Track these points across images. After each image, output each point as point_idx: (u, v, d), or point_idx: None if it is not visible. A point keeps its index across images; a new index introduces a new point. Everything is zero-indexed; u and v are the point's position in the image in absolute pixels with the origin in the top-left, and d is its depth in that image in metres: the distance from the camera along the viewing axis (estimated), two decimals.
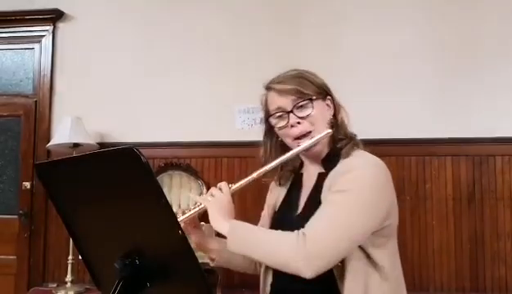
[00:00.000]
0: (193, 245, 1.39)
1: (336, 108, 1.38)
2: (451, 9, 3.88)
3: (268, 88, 1.39)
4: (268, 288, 1.38)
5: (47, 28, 4.27)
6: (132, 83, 4.15)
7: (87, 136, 3.82)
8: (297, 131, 1.31)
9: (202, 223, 4.27)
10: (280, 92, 1.34)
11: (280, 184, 1.46)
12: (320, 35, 3.94)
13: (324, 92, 1.36)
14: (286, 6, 4.06)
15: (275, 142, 1.42)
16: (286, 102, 1.32)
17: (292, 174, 1.46)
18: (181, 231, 0.91)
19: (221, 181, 1.34)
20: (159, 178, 3.85)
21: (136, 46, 4.18)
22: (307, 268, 1.13)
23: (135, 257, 0.97)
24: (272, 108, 1.36)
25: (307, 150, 1.32)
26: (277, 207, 1.43)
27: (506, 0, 3.84)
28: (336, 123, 1.36)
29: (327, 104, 1.36)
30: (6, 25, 4.30)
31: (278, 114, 1.34)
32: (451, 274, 3.68)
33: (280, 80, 1.36)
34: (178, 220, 1.27)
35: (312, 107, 1.31)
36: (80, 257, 1.12)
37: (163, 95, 4.12)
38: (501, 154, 3.74)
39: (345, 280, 1.19)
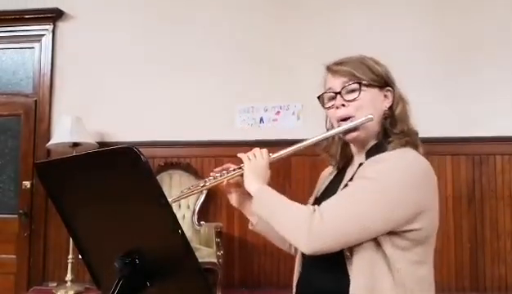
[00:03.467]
0: (233, 204, 1.45)
1: (395, 100, 1.33)
2: (452, 10, 3.88)
3: (327, 68, 1.35)
4: (295, 284, 1.37)
5: (47, 27, 4.27)
6: (132, 83, 4.15)
7: (87, 136, 3.82)
8: (340, 113, 1.29)
9: (202, 222, 4.25)
10: (334, 73, 1.32)
11: (334, 169, 1.45)
12: (320, 36, 3.94)
13: (383, 82, 1.32)
14: (286, 7, 4.06)
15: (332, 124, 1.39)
16: (337, 83, 1.30)
17: (344, 163, 1.42)
18: (182, 231, 0.91)
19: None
20: (159, 177, 3.85)
21: (137, 46, 4.18)
22: (307, 243, 1.13)
23: (135, 257, 0.97)
24: (325, 87, 1.34)
25: (346, 133, 1.29)
26: (319, 194, 1.42)
27: (506, 1, 3.84)
28: (392, 116, 1.31)
29: (384, 95, 1.32)
30: (6, 24, 4.30)
31: (328, 95, 1.33)
32: (451, 274, 3.68)
33: (338, 62, 1.33)
34: (222, 177, 1.34)
35: (360, 92, 1.27)
36: (80, 257, 1.12)
37: (163, 94, 4.12)
38: (501, 154, 3.74)
39: (353, 273, 1.16)
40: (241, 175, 1.33)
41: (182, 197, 1.41)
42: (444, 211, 3.74)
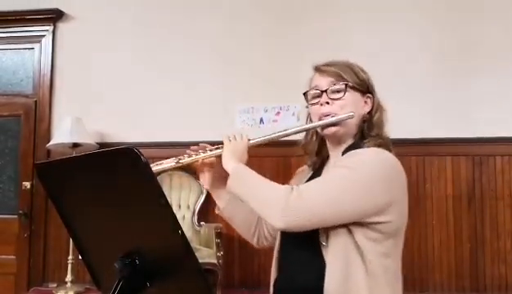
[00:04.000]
0: (205, 185, 1.48)
1: (374, 107, 1.41)
2: (453, 11, 3.89)
3: (315, 68, 1.43)
4: (272, 282, 1.41)
5: (47, 28, 4.28)
6: (132, 83, 4.15)
7: (87, 136, 3.82)
8: (325, 110, 1.36)
9: (202, 223, 4.23)
10: (322, 72, 1.39)
11: (310, 168, 1.50)
12: (320, 36, 3.94)
13: (365, 87, 1.40)
14: (287, 7, 4.06)
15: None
16: (324, 82, 1.38)
17: (320, 163, 1.49)
18: (182, 231, 0.91)
19: None
20: (159, 178, 3.85)
21: (136, 46, 4.18)
22: (280, 217, 1.17)
23: (135, 257, 0.97)
24: (311, 86, 1.42)
25: (325, 128, 1.36)
26: None
27: (506, 2, 3.84)
28: (369, 121, 1.39)
29: (365, 101, 1.40)
30: (6, 25, 4.30)
31: (313, 92, 1.40)
32: (451, 274, 3.68)
33: (327, 63, 1.41)
34: (198, 156, 1.37)
35: (345, 92, 1.35)
36: (80, 257, 1.12)
37: (163, 95, 4.12)
38: (501, 154, 3.74)
39: (328, 263, 1.22)
40: (218, 157, 1.37)
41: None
42: (444, 211, 3.74)
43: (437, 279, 3.69)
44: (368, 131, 1.38)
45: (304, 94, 1.44)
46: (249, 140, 1.38)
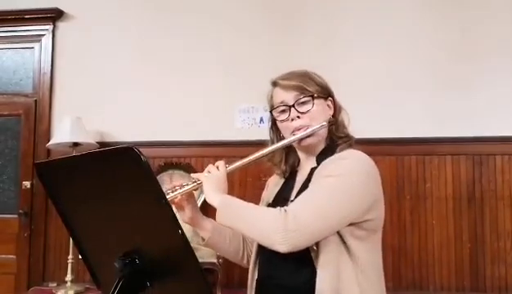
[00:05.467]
0: (186, 220, 1.47)
1: (336, 109, 1.47)
2: (452, 9, 3.88)
3: (274, 84, 1.47)
4: (254, 283, 1.44)
5: (47, 27, 4.27)
6: (132, 83, 4.15)
7: (87, 136, 3.82)
8: (296, 124, 1.40)
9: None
10: (284, 88, 1.42)
11: (280, 177, 1.55)
12: (319, 36, 3.94)
13: (326, 93, 1.45)
14: (286, 8, 4.06)
15: (278, 135, 1.51)
16: (289, 97, 1.41)
17: (290, 170, 1.53)
18: (182, 231, 0.91)
19: None
20: (159, 177, 3.84)
21: (137, 45, 4.18)
22: (284, 241, 1.18)
23: (135, 257, 0.97)
24: (276, 102, 1.45)
25: (301, 140, 1.40)
26: (271, 200, 1.50)
27: (505, 1, 3.84)
28: (336, 123, 1.44)
29: (328, 105, 1.45)
30: (6, 25, 4.29)
31: (281, 108, 1.43)
32: (451, 274, 3.68)
33: (285, 77, 1.45)
34: (175, 193, 1.36)
35: (313, 104, 1.40)
36: (80, 257, 1.12)
37: (163, 94, 4.12)
38: (501, 154, 3.73)
39: (319, 264, 1.25)
40: (195, 190, 1.38)
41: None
42: (444, 211, 3.74)
43: (437, 279, 3.69)
44: (337, 133, 1.44)
45: (270, 111, 1.47)
46: (226, 166, 1.39)
